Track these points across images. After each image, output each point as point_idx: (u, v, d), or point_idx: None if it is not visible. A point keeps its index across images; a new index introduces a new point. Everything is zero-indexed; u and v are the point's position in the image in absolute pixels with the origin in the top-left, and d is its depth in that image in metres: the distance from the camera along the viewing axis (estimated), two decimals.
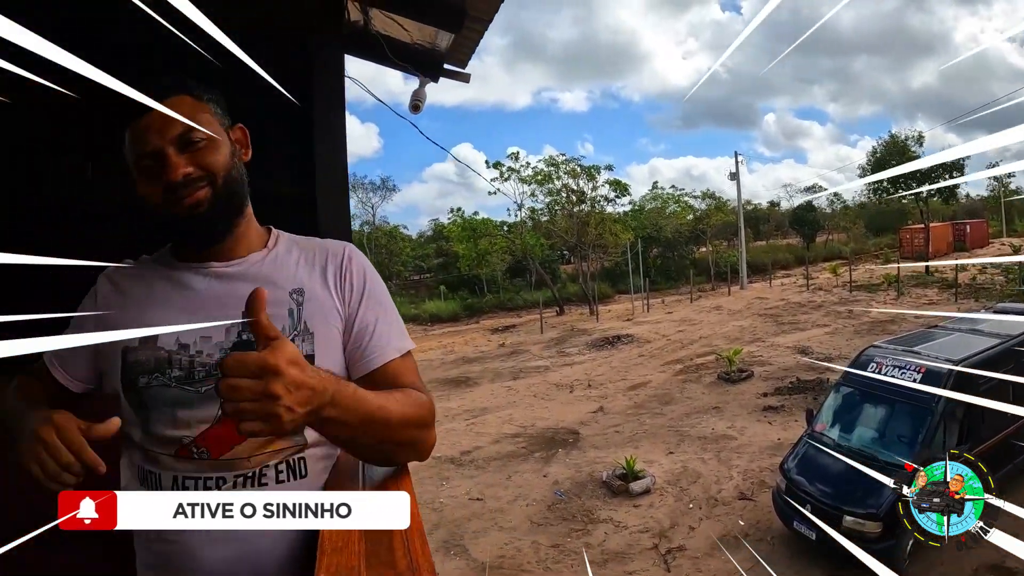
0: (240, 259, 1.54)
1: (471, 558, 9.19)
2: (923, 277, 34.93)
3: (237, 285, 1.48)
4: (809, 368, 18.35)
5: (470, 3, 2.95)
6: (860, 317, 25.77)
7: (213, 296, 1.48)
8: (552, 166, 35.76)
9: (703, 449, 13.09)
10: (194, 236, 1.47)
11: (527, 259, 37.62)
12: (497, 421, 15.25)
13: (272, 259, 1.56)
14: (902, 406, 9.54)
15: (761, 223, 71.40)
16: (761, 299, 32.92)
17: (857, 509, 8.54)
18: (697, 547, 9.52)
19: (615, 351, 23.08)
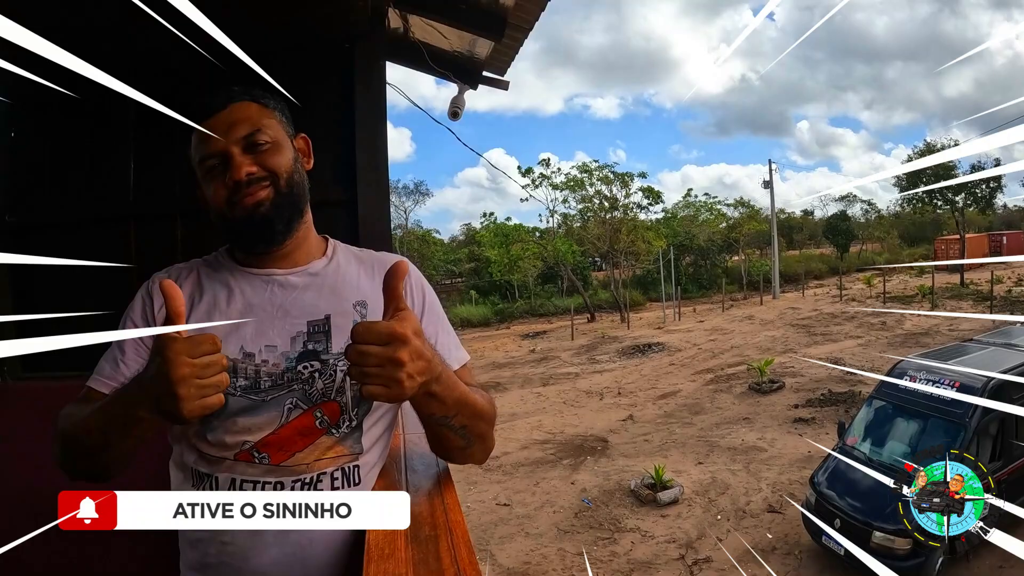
0: (301, 267, 1.56)
1: (497, 563, 9.21)
2: (957, 289, 34.37)
3: (300, 294, 1.52)
4: (841, 380, 18.18)
5: (511, 11, 2.97)
6: (893, 329, 25.47)
7: (277, 304, 1.50)
8: (585, 172, 35.79)
9: (732, 460, 13.02)
10: (255, 236, 1.49)
11: (559, 265, 37.59)
12: (526, 427, 15.28)
13: (334, 269, 1.59)
14: (935, 421, 9.46)
15: (794, 232, 70.65)
16: (793, 309, 32.69)
17: (887, 525, 8.45)
18: (724, 559, 9.47)
19: (646, 359, 23.04)
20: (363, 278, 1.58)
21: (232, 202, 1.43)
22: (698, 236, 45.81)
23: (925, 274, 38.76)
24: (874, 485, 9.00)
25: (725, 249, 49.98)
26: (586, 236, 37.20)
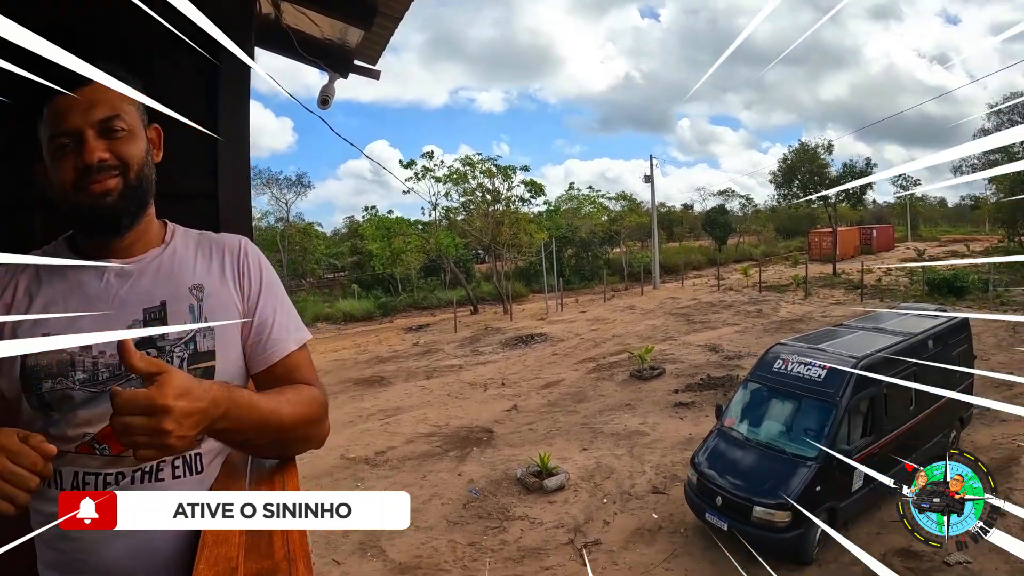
0: (139, 256, 1.51)
1: (388, 559, 9.11)
2: (830, 278, 36.36)
3: (137, 282, 1.47)
4: (719, 365, 18.85)
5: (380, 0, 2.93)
6: (769, 316, 26.59)
7: (114, 294, 1.45)
8: (468, 165, 35.44)
9: (616, 445, 13.28)
10: (99, 225, 1.44)
11: (442, 258, 37.38)
12: (412, 421, 15.15)
13: (170, 254, 1.55)
14: (808, 401, 9.79)
15: (674, 225, 73.04)
16: (673, 299, 33.59)
17: (767, 500, 8.78)
18: (612, 541, 9.67)
19: (529, 350, 23.22)
20: (200, 262, 1.55)
21: (79, 186, 1.37)
22: (580, 228, 46.53)
23: (799, 264, 40.70)
24: (753, 463, 9.48)
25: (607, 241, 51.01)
26: (468, 229, 37.09)
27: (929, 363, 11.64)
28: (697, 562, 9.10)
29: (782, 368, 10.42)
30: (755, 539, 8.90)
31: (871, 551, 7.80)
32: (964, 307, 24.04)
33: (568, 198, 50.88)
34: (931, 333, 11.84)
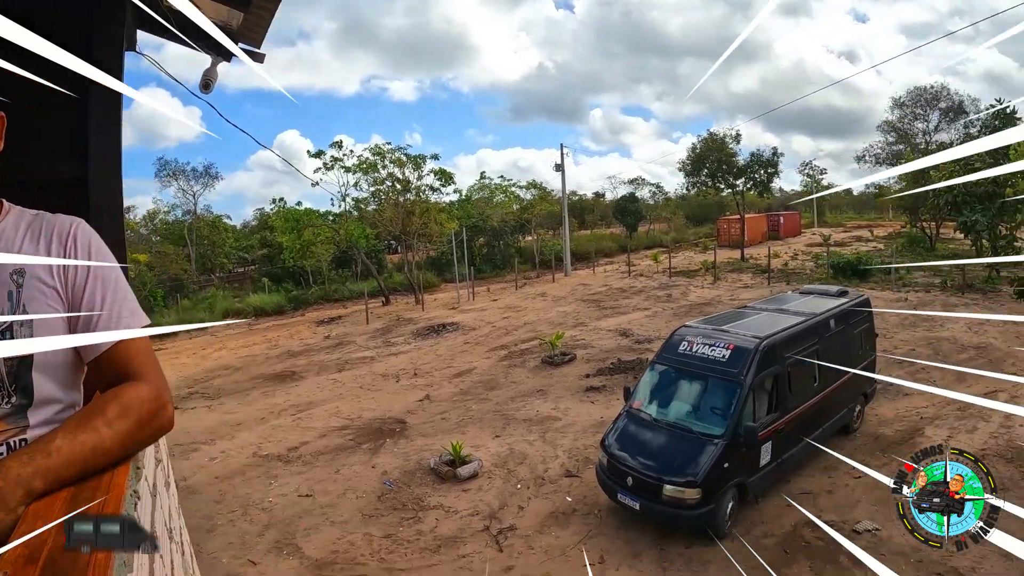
0: None
1: (304, 556, 8.96)
2: (738, 263, 37.41)
3: None
4: (630, 349, 19.14)
5: None
6: (679, 300, 27.17)
7: None
8: (377, 155, 34.73)
9: (528, 431, 13.38)
10: None
11: (352, 249, 36.77)
12: (324, 415, 14.93)
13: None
14: (714, 381, 9.97)
15: (586, 213, 73.88)
16: (584, 285, 33.99)
17: (676, 478, 8.93)
18: (527, 526, 9.73)
19: (441, 339, 23.17)
20: (27, 245, 1.48)
21: None
22: (492, 217, 46.53)
23: (708, 250, 41.66)
24: (661, 443, 9.62)
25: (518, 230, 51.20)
26: (379, 219, 36.51)
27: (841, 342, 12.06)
28: (612, 542, 9.22)
29: (687, 349, 10.58)
30: (667, 517, 9.12)
31: (781, 523, 8.04)
32: (867, 288, 25.03)
33: (480, 187, 50.90)
34: (833, 313, 12.18)
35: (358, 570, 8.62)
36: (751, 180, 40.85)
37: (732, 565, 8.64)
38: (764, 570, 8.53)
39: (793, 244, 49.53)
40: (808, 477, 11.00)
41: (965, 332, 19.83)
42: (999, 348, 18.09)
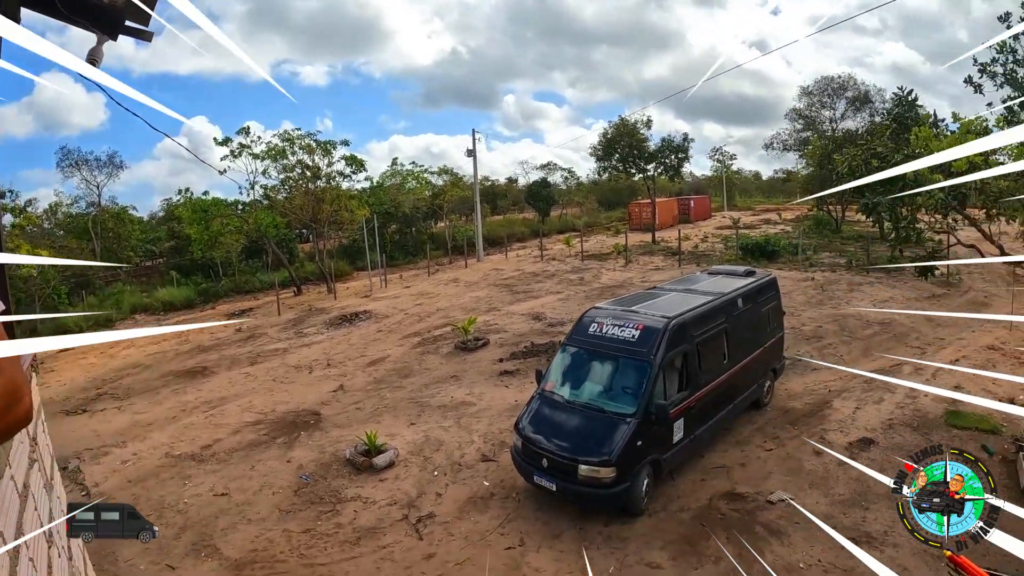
0: None
1: (223, 557, 8.78)
2: (650, 246, 38.10)
3: None
4: (542, 332, 19.36)
5: None
6: (591, 283, 27.53)
7: None
8: (287, 141, 33.77)
9: (444, 417, 13.45)
10: None
11: (262, 239, 35.83)
12: (237, 410, 14.61)
13: None
14: (625, 361, 10.08)
15: (499, 198, 73.99)
16: (497, 270, 34.15)
17: (591, 458, 9.08)
18: (446, 512, 9.79)
19: (354, 328, 22.94)
20: None
21: None
22: (404, 204, 46.07)
23: (620, 233, 42.23)
24: (575, 424, 9.72)
25: (430, 216, 50.91)
26: (289, 207, 35.63)
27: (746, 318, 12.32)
28: (531, 524, 9.35)
29: (598, 331, 10.65)
30: (584, 497, 9.25)
31: (697, 497, 8.31)
32: (775, 268, 25.83)
33: (392, 174, 50.30)
34: (740, 292, 12.44)
35: (278, 568, 8.52)
36: (662, 165, 41.43)
37: (651, 541, 8.86)
38: (682, 544, 8.79)
39: (703, 227, 50.68)
40: (721, 452, 11.35)
41: (869, 308, 20.77)
42: (903, 324, 19.01)
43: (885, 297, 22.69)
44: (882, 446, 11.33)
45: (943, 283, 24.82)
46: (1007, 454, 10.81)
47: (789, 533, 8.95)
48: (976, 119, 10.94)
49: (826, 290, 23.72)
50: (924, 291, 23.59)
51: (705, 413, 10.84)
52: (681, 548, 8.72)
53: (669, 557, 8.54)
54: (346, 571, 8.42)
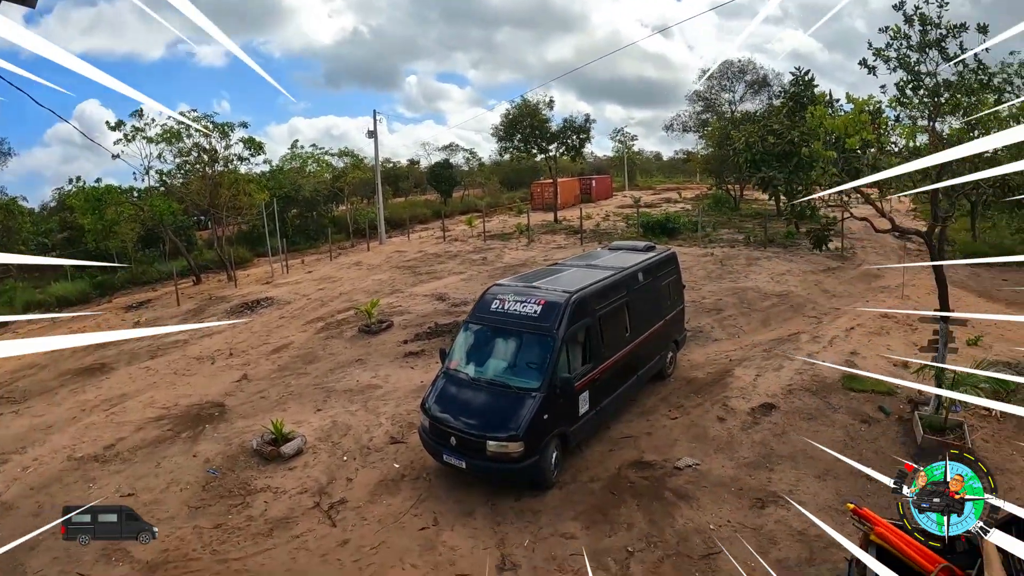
0: None
1: (135, 560, 8.55)
2: (552, 225, 38.49)
3: None
4: (446, 313, 19.48)
5: None
6: (494, 263, 27.80)
7: None
8: (183, 124, 32.27)
9: (350, 401, 13.46)
10: None
11: (159, 227, 34.18)
12: (139, 406, 14.13)
13: None
14: (528, 336, 10.24)
15: (400, 180, 73.08)
16: (400, 252, 33.96)
17: (498, 434, 9.24)
18: (358, 497, 9.84)
19: (256, 316, 22.50)
20: None
21: None
22: (304, 187, 44.93)
23: (523, 213, 42.44)
24: (481, 401, 9.88)
25: (331, 199, 49.89)
26: (186, 193, 34.11)
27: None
28: (443, 503, 9.49)
29: (500, 307, 10.77)
30: (494, 473, 9.43)
31: (606, 467, 8.65)
32: (676, 245, 26.50)
33: (292, 157, 48.94)
34: (641, 267, 12.77)
35: (192, 567, 8.38)
36: (564, 145, 41.74)
37: (563, 512, 9.14)
38: (595, 513, 9.10)
39: (605, 206, 51.59)
40: (628, 422, 11.76)
41: (768, 282, 21.74)
42: (800, 295, 19.94)
43: (782, 271, 23.64)
44: (783, 410, 11.95)
45: (837, 256, 26.07)
46: (903, 413, 11.56)
47: (698, 497, 9.37)
48: (869, 99, 11.52)
49: (725, 265, 24.63)
50: (819, 264, 24.72)
51: (610, 385, 11.12)
52: (593, 517, 9.02)
53: (582, 527, 8.82)
54: (261, 564, 8.37)
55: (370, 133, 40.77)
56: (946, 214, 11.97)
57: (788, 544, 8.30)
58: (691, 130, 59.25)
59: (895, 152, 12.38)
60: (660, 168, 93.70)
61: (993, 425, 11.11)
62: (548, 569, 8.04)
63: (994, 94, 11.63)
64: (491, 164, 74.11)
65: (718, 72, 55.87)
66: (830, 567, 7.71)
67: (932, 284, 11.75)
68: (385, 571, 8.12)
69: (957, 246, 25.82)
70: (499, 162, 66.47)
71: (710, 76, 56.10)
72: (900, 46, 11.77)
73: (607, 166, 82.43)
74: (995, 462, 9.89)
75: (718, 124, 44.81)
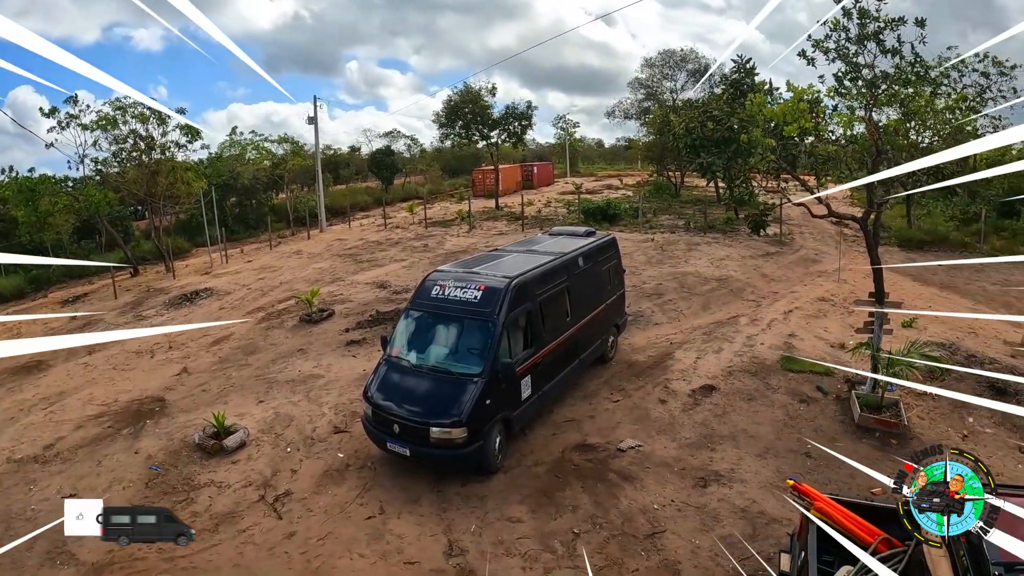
0: None
1: (80, 562, 8.39)
2: (493, 212, 38.42)
3: None
4: (388, 300, 19.43)
5: None
6: (435, 250, 27.68)
7: None
8: (119, 110, 30.80)
9: (293, 392, 13.39)
10: None
11: (95, 218, 32.96)
12: (78, 404, 13.81)
13: None
14: (469, 321, 10.27)
15: (341, 167, 72.01)
16: (340, 240, 33.54)
17: (441, 420, 9.30)
18: (303, 488, 9.83)
19: (195, 307, 22.09)
20: None
21: None
22: (244, 175, 43.85)
23: (464, 200, 42.25)
24: (423, 388, 9.92)
25: (271, 187, 48.89)
26: (122, 182, 32.93)
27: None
28: (389, 492, 9.54)
29: (440, 293, 10.76)
30: (438, 459, 9.50)
31: (550, 450, 8.87)
32: (617, 230, 26.51)
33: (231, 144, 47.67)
34: (581, 252, 12.86)
35: (138, 567, 8.29)
36: (506, 132, 41.43)
37: (509, 496, 9.28)
38: (540, 496, 9.26)
39: (547, 193, 51.63)
40: (571, 406, 11.95)
41: (708, 267, 22.08)
42: (739, 279, 20.35)
43: (722, 256, 23.97)
44: (723, 392, 12.29)
45: (776, 241, 26.58)
46: (840, 393, 12.00)
47: (641, 477, 9.61)
48: (808, 88, 11.78)
49: (665, 250, 24.92)
50: (759, 249, 25.15)
51: (552, 369, 11.23)
52: (539, 500, 9.17)
53: (528, 510, 8.97)
54: (208, 560, 8.33)
55: (310, 120, 40.02)
56: (881, 200, 12.31)
57: (731, 521, 8.60)
58: (633, 117, 59.83)
59: (832, 140, 12.73)
60: (602, 155, 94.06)
61: (928, 403, 11.62)
62: (496, 553, 8.17)
63: (930, 86, 11.99)
64: (433, 151, 73.37)
65: (660, 61, 56.58)
66: (772, 542, 7.98)
67: (868, 268, 12.17)
68: (333, 562, 8.16)
69: (892, 232, 26.58)
70: (441, 149, 65.80)
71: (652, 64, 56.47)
72: (839, 38, 11.98)
73: (549, 153, 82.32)
74: (930, 438, 10.39)
75: (659, 112, 45.10)
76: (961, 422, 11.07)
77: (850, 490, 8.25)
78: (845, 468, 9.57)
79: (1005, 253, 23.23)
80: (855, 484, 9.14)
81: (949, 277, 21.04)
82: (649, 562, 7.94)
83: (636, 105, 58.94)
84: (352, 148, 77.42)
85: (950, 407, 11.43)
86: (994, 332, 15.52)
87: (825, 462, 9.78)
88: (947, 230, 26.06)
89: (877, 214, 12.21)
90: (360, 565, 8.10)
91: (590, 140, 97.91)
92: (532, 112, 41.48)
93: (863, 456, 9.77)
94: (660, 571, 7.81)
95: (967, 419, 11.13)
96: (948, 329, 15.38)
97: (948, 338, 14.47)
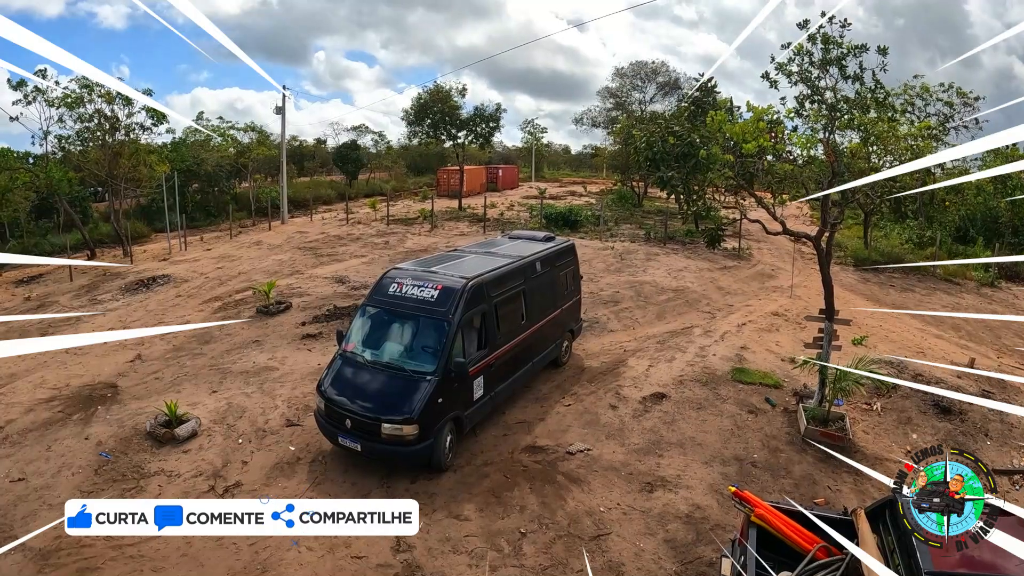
0: None
1: (27, 547, 8.21)
2: (456, 212, 38.30)
3: None
4: (346, 296, 19.32)
5: None
6: (396, 247, 27.54)
7: None
8: (85, 88, 29.85)
9: (246, 383, 13.26)
10: None
11: (54, 197, 31.96)
12: (28, 387, 13.48)
13: None
14: (425, 320, 10.29)
15: (306, 159, 71.10)
16: (302, 233, 33.18)
17: (393, 416, 9.33)
18: (253, 480, 9.78)
19: (152, 293, 21.61)
20: None
21: None
22: (207, 161, 42.92)
23: (428, 199, 42.05)
24: (377, 384, 9.92)
25: (234, 175, 48.01)
26: (84, 161, 31.98)
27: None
28: (339, 486, 9.54)
29: (397, 291, 10.76)
30: (389, 455, 9.51)
31: (500, 451, 8.94)
32: (577, 237, 26.82)
33: (195, 129, 46.53)
34: (539, 256, 12.93)
35: (85, 553, 8.17)
36: (473, 133, 41.32)
37: (457, 495, 9.33)
38: (488, 496, 9.33)
39: (510, 196, 51.46)
40: (522, 408, 12.03)
41: (665, 277, 22.20)
42: (695, 291, 20.55)
43: (680, 267, 24.11)
44: (673, 400, 12.45)
45: (734, 255, 26.91)
46: (788, 405, 12.26)
47: (589, 480, 9.73)
48: (768, 108, 11.96)
49: (624, 259, 25.03)
50: (716, 262, 25.38)
51: (505, 371, 11.31)
52: (487, 500, 9.24)
53: (476, 509, 9.03)
54: (156, 549, 8.23)
55: (278, 109, 39.33)
56: (835, 220, 12.50)
57: (676, 526, 8.78)
58: (600, 125, 60.07)
59: (791, 160, 12.97)
60: (567, 161, 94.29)
61: (873, 418, 11.96)
62: (443, 551, 8.23)
63: (889, 112, 12.12)
64: (399, 148, 72.89)
65: (631, 71, 56.95)
66: (715, 547, 8.13)
67: (820, 286, 12.49)
68: (280, 555, 8.15)
69: (848, 251, 27.15)
70: (407, 146, 65.38)
71: (622, 74, 56.68)
72: (802, 62, 12.20)
73: (515, 156, 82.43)
74: (874, 452, 10.72)
75: (627, 122, 45.35)
76: (905, 438, 11.42)
77: (793, 499, 8.48)
78: (789, 477, 9.91)
79: (957, 277, 23.95)
80: (798, 493, 9.43)
81: (901, 297, 21.53)
82: (593, 563, 8.06)
83: (604, 114, 59.23)
84: (318, 140, 76.50)
85: (895, 423, 11.80)
86: (942, 353, 15.95)
87: (770, 471, 10.06)
88: (902, 252, 26.72)
89: (830, 234, 12.51)
90: (307, 558, 8.10)
91: (557, 146, 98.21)
92: (501, 115, 41.55)
93: (806, 467, 10.11)
94: (604, 572, 7.95)
95: (911, 435, 11.50)
96: (897, 348, 15.79)
97: (897, 356, 14.81)
